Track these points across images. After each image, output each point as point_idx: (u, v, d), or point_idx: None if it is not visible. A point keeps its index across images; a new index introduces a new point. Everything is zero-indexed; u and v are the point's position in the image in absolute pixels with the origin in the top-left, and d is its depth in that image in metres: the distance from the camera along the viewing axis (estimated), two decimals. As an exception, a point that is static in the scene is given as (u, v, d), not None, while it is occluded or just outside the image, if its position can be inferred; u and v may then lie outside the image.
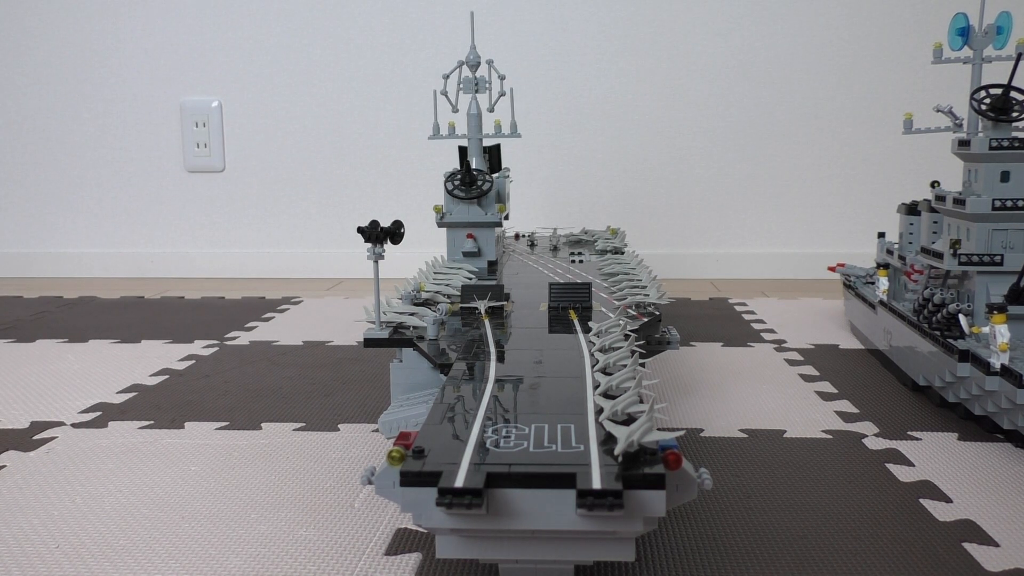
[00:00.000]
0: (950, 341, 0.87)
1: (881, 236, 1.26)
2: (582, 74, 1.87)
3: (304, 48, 1.90)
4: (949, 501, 0.71)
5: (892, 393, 1.02)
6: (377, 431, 0.89)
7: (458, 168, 1.21)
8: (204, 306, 1.62)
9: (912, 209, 1.15)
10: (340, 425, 0.92)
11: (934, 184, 1.04)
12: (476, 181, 1.19)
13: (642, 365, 0.77)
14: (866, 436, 0.87)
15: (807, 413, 0.95)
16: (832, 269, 1.40)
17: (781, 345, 1.25)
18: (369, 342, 0.84)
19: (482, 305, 0.92)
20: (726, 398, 1.00)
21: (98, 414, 0.96)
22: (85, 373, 1.14)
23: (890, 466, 0.79)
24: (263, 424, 0.92)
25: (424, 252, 1.46)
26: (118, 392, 1.05)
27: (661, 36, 1.85)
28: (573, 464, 0.50)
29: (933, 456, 0.82)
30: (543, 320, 0.89)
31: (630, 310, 0.92)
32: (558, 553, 0.50)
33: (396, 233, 0.84)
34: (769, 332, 1.34)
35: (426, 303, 0.96)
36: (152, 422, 0.93)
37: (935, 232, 1.04)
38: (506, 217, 1.27)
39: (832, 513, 0.69)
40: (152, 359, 1.21)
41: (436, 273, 1.10)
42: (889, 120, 1.82)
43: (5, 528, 0.68)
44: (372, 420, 0.93)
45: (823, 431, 0.89)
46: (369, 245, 0.83)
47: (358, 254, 1.83)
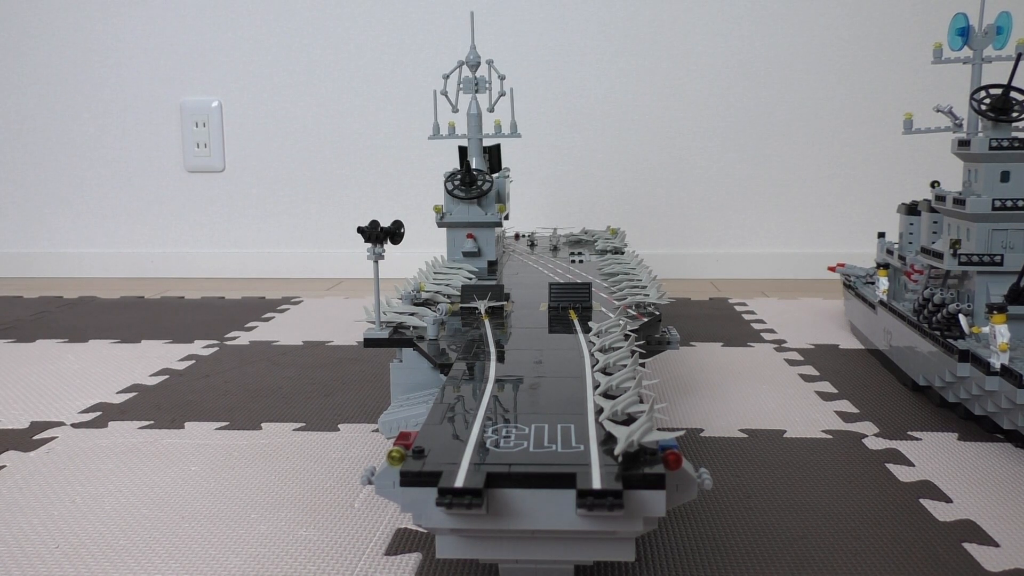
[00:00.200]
0: (950, 341, 0.87)
1: (881, 236, 1.26)
2: (582, 74, 1.87)
3: (304, 48, 1.90)
4: (949, 501, 0.71)
5: (892, 393, 1.02)
6: (377, 431, 0.89)
7: (458, 168, 1.21)
8: (204, 306, 1.62)
9: (912, 209, 1.15)
10: (340, 425, 0.92)
11: (934, 184, 1.04)
12: (476, 181, 1.19)
13: (642, 365, 0.77)
14: (866, 436, 0.87)
15: (807, 413, 0.95)
16: (832, 269, 1.40)
17: (781, 345, 1.25)
18: (369, 342, 0.84)
19: (482, 305, 0.92)
20: (726, 398, 1.00)
21: (98, 414, 0.96)
22: (85, 373, 1.14)
23: (890, 466, 0.79)
24: (263, 424, 0.92)
25: (424, 252, 1.46)
26: (118, 392, 1.05)
27: (661, 36, 1.85)
28: (573, 464, 0.50)
29: (933, 456, 0.82)
30: (543, 320, 0.89)
31: (630, 310, 0.92)
32: (558, 553, 0.50)
33: (396, 233, 0.84)
34: (769, 332, 1.34)
35: (426, 303, 0.96)
36: (152, 422, 0.93)
37: (935, 232, 1.04)
38: (506, 217, 1.27)
39: (832, 513, 0.69)
40: (152, 359, 1.21)
41: (436, 273, 1.10)
42: (889, 120, 1.82)
43: (5, 528, 0.68)
44: (372, 420, 0.93)
45: (823, 431, 0.89)
46: (369, 245, 0.83)
47: (358, 254, 1.83)
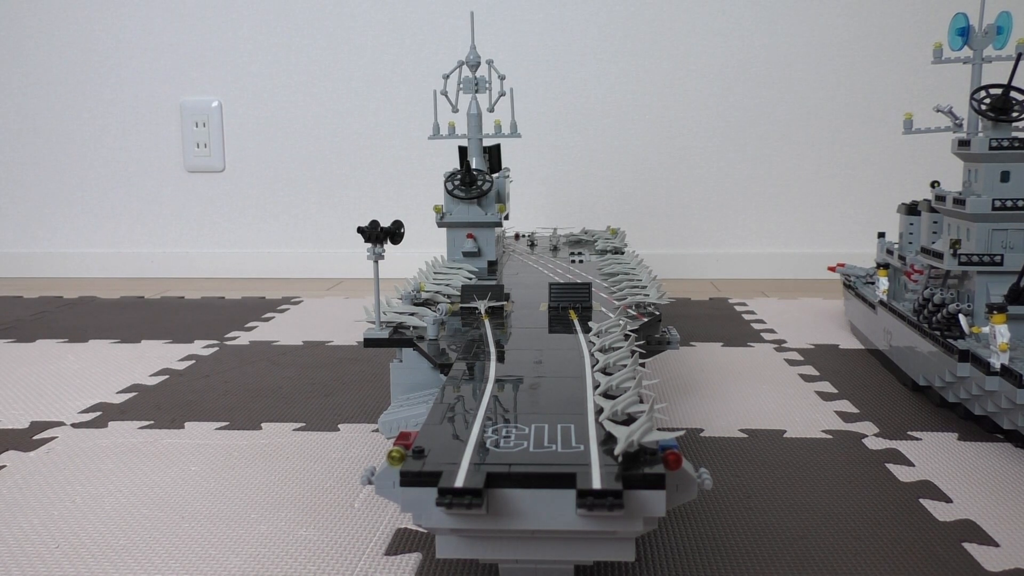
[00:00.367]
0: (950, 341, 0.87)
1: (881, 236, 1.26)
2: (582, 74, 1.87)
3: (304, 48, 1.90)
4: (949, 501, 0.71)
5: (892, 393, 1.02)
6: (377, 431, 0.89)
7: (458, 168, 1.21)
8: (204, 306, 1.62)
9: (912, 209, 1.15)
10: (340, 425, 0.92)
11: (934, 184, 1.04)
12: (476, 181, 1.19)
13: (642, 365, 0.77)
14: (866, 436, 0.87)
15: (807, 413, 0.95)
16: (832, 269, 1.40)
17: (781, 345, 1.25)
18: (369, 342, 0.84)
19: (482, 305, 0.92)
20: (726, 398, 1.00)
21: (98, 414, 0.96)
22: (85, 373, 1.14)
23: (890, 466, 0.79)
24: (263, 424, 0.92)
25: (424, 252, 1.46)
26: (118, 392, 1.05)
27: (661, 36, 1.85)
28: (573, 464, 0.49)
29: (933, 456, 0.82)
30: (543, 320, 0.89)
31: (630, 310, 0.92)
32: (558, 553, 0.50)
33: (396, 233, 0.84)
34: (769, 332, 1.34)
35: (426, 303, 0.96)
36: (152, 422, 0.93)
37: (935, 232, 1.04)
38: (506, 217, 1.27)
39: (832, 513, 0.69)
40: (152, 359, 1.21)
41: (436, 273, 1.10)
42: (889, 120, 1.82)
43: (5, 528, 0.68)
44: (372, 420, 0.93)
45: (823, 431, 0.89)
46: (369, 245, 0.83)
47: (358, 254, 1.83)
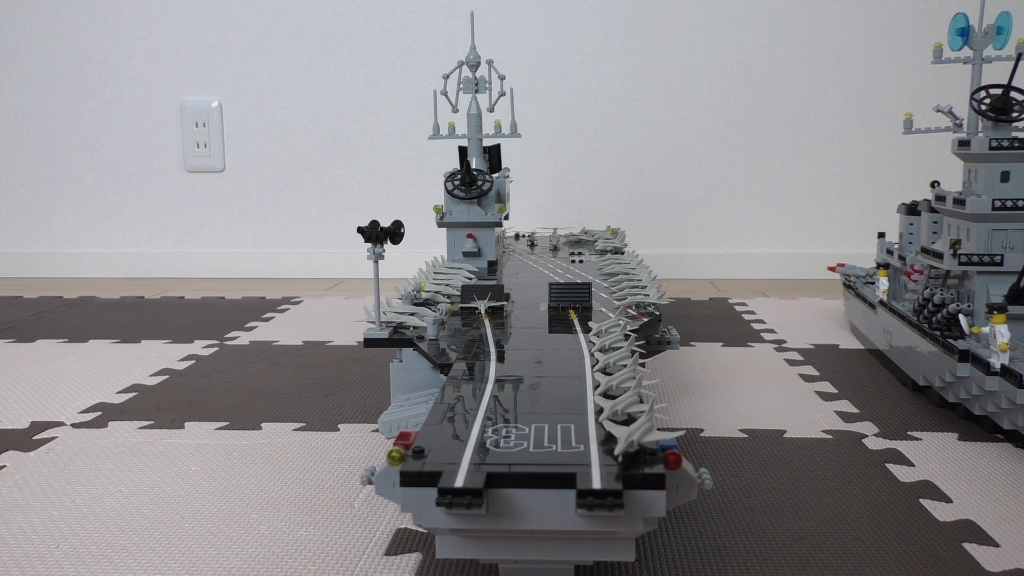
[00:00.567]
0: (950, 341, 0.87)
1: (881, 236, 1.26)
2: (582, 74, 1.87)
3: (304, 48, 1.90)
4: (949, 501, 0.71)
5: (892, 393, 1.02)
6: (377, 431, 0.89)
7: (458, 168, 1.21)
8: (204, 306, 1.62)
9: (912, 209, 1.15)
10: (340, 425, 0.92)
11: (934, 184, 1.04)
12: (476, 181, 1.19)
13: (642, 365, 0.77)
14: (866, 436, 0.87)
15: (807, 413, 0.95)
16: (832, 269, 1.40)
17: (781, 345, 1.25)
18: (369, 342, 0.84)
19: (482, 305, 0.92)
20: (726, 398, 1.00)
21: (98, 414, 0.96)
22: (85, 373, 1.14)
23: (890, 466, 0.79)
24: (263, 424, 0.92)
25: (424, 252, 1.46)
26: (118, 392, 1.05)
27: (661, 36, 1.85)
28: (573, 464, 0.50)
29: (933, 456, 0.82)
30: (543, 320, 0.89)
31: (630, 310, 0.92)
32: (558, 553, 0.50)
33: (396, 233, 0.84)
34: (769, 332, 1.34)
35: (426, 303, 0.96)
36: (152, 422, 0.93)
37: (935, 232, 1.04)
38: (506, 217, 1.27)
39: (832, 513, 0.69)
40: (152, 359, 1.21)
41: (436, 273, 1.10)
42: (889, 120, 1.82)
43: (5, 528, 0.68)
44: (372, 420, 0.93)
45: (823, 431, 0.89)
46: (369, 245, 0.83)
47: (358, 254, 1.83)
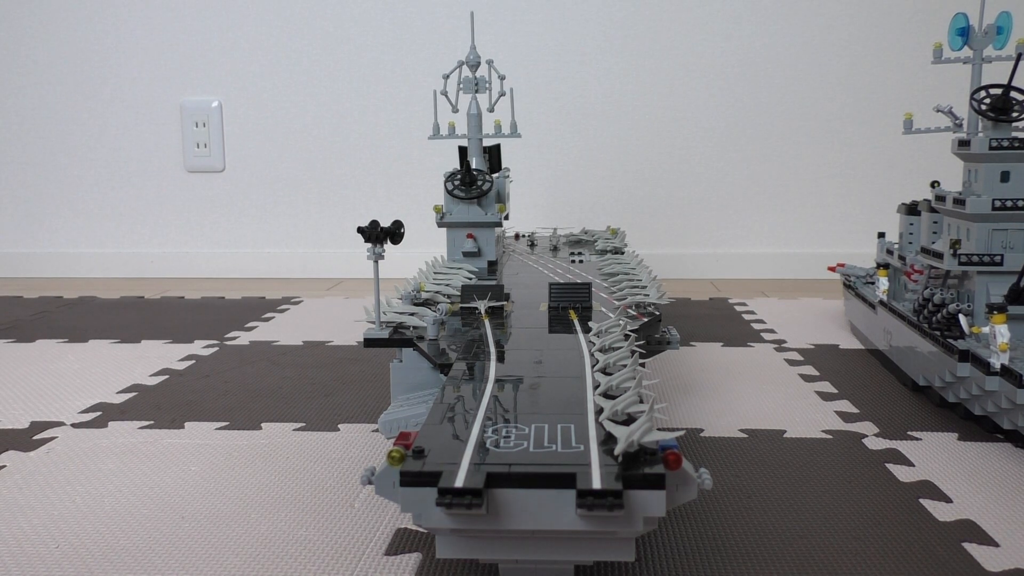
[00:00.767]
0: (950, 341, 0.87)
1: (881, 236, 1.26)
2: (582, 74, 1.87)
3: (304, 48, 1.90)
4: (949, 501, 0.71)
5: (892, 393, 1.02)
6: (377, 431, 0.89)
7: (458, 168, 1.21)
8: (204, 306, 1.62)
9: (912, 209, 1.15)
10: (340, 425, 0.92)
11: (934, 184, 1.04)
12: (476, 181, 1.19)
13: (642, 365, 0.77)
14: (866, 436, 0.87)
15: (807, 413, 0.95)
16: (832, 269, 1.40)
17: (781, 345, 1.25)
18: (369, 342, 0.84)
19: (482, 305, 0.92)
20: (726, 398, 1.00)
21: (98, 414, 0.96)
22: (85, 373, 1.14)
23: (890, 466, 0.79)
24: (263, 424, 0.92)
25: (424, 252, 1.46)
26: (118, 392, 1.05)
27: (661, 36, 1.85)
28: (573, 464, 0.49)
29: (933, 456, 0.82)
30: (543, 320, 0.89)
31: (630, 310, 0.92)
32: (558, 553, 0.50)
33: (396, 233, 0.84)
34: (769, 332, 1.34)
35: (426, 303, 0.96)
36: (152, 422, 0.93)
37: (935, 232, 1.04)
38: (506, 217, 1.27)
39: (832, 513, 0.69)
40: (152, 359, 1.21)
41: (436, 273, 1.10)
42: (889, 120, 1.82)
43: (5, 528, 0.68)
44: (372, 420, 0.93)
45: (823, 431, 0.89)
46: (369, 245, 0.83)
47: (358, 254, 1.83)
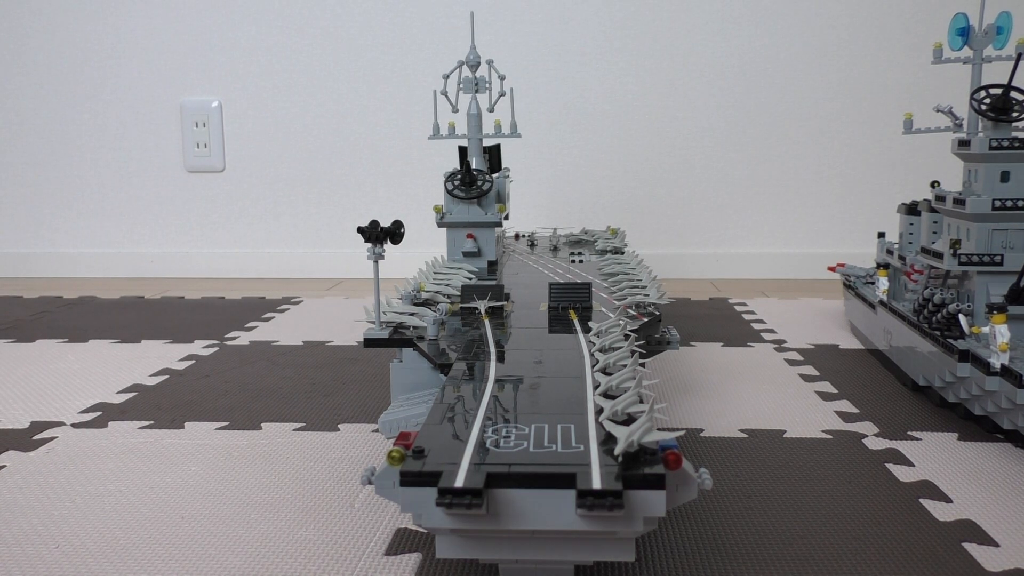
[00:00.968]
0: (950, 341, 0.87)
1: (881, 236, 1.26)
2: (582, 74, 1.87)
3: (304, 48, 1.90)
4: (949, 501, 0.71)
5: (892, 393, 1.02)
6: (377, 431, 0.89)
7: (458, 168, 1.21)
8: (204, 306, 1.62)
9: (912, 209, 1.15)
10: (340, 425, 0.92)
11: (934, 184, 1.04)
12: (476, 181, 1.19)
13: (642, 365, 0.77)
14: (866, 436, 0.87)
15: (807, 413, 0.95)
16: (832, 269, 1.40)
17: (781, 345, 1.25)
18: (369, 342, 0.84)
19: (482, 305, 0.92)
20: (726, 398, 1.00)
21: (98, 414, 0.96)
22: (85, 373, 1.14)
23: (890, 466, 0.79)
24: (263, 424, 0.92)
25: (424, 252, 1.46)
26: (118, 392, 1.05)
27: (661, 36, 1.85)
28: (573, 464, 0.49)
29: (933, 456, 0.82)
30: (543, 320, 0.89)
31: (630, 310, 0.92)
32: (558, 553, 0.50)
33: (396, 233, 0.84)
34: (769, 332, 1.34)
35: (426, 303, 0.96)
36: (152, 422, 0.93)
37: (935, 232, 1.04)
38: (506, 217, 1.27)
39: (832, 513, 0.69)
40: (152, 359, 1.21)
41: (436, 273, 1.10)
42: (889, 120, 1.82)
43: (5, 528, 0.68)
44: (372, 420, 0.93)
45: (823, 431, 0.89)
46: (369, 245, 0.83)
47: (358, 254, 1.83)
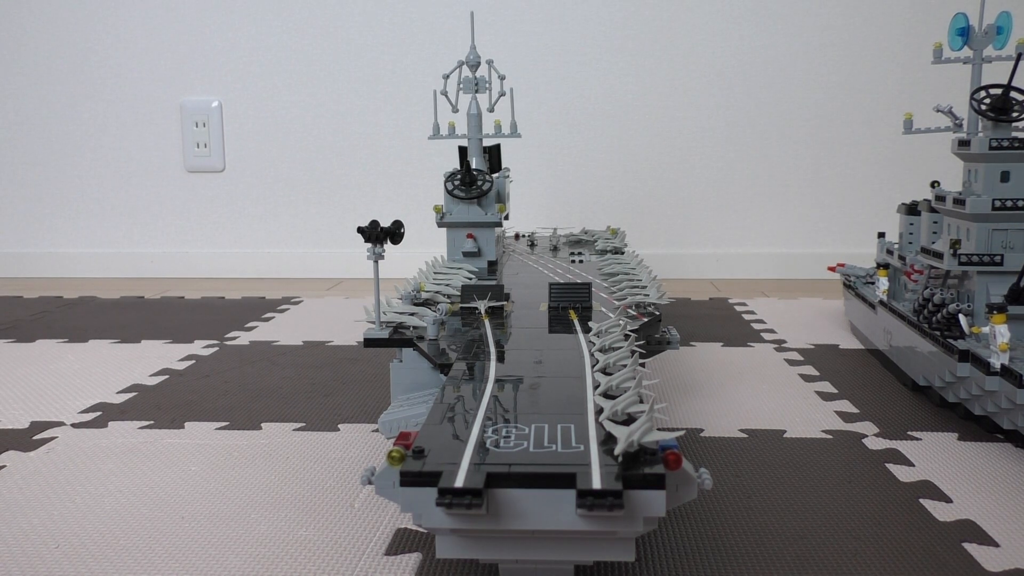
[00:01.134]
0: (950, 341, 0.87)
1: (881, 236, 1.26)
2: (582, 74, 1.87)
3: (304, 48, 1.90)
4: (949, 501, 0.71)
5: (892, 393, 1.02)
6: (377, 431, 0.89)
7: (458, 168, 1.21)
8: (204, 306, 1.62)
9: (912, 209, 1.15)
10: (340, 425, 0.92)
11: (934, 184, 1.04)
12: (476, 181, 1.19)
13: (642, 365, 0.77)
14: (866, 436, 0.87)
15: (807, 413, 0.95)
16: (832, 269, 1.40)
17: (781, 345, 1.25)
18: (369, 342, 0.84)
19: (482, 305, 0.92)
20: (726, 398, 1.00)
21: (98, 414, 0.96)
22: (85, 373, 1.14)
23: (890, 466, 0.79)
24: (263, 424, 0.92)
25: (424, 252, 1.46)
26: (118, 392, 1.05)
27: (661, 36, 1.85)
28: (573, 464, 0.49)
29: (933, 456, 0.82)
30: (543, 320, 0.89)
31: (630, 310, 0.92)
32: (558, 553, 0.50)
33: (396, 233, 0.84)
34: (769, 332, 1.34)
35: (426, 303, 0.96)
36: (152, 422, 0.93)
37: (935, 232, 1.04)
38: (506, 217, 1.27)
39: (832, 513, 0.69)
40: (152, 359, 1.21)
41: (436, 273, 1.10)
42: (889, 120, 1.82)
43: (5, 528, 0.68)
44: (372, 420, 0.93)
45: (823, 431, 0.89)
46: (369, 245, 0.83)
47: (358, 254, 1.83)
